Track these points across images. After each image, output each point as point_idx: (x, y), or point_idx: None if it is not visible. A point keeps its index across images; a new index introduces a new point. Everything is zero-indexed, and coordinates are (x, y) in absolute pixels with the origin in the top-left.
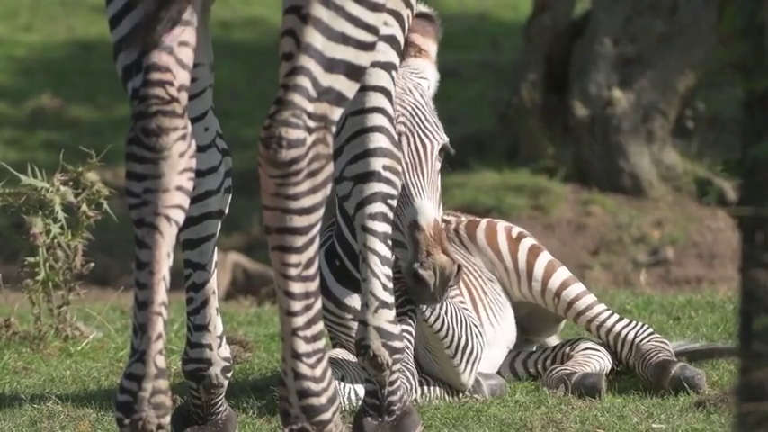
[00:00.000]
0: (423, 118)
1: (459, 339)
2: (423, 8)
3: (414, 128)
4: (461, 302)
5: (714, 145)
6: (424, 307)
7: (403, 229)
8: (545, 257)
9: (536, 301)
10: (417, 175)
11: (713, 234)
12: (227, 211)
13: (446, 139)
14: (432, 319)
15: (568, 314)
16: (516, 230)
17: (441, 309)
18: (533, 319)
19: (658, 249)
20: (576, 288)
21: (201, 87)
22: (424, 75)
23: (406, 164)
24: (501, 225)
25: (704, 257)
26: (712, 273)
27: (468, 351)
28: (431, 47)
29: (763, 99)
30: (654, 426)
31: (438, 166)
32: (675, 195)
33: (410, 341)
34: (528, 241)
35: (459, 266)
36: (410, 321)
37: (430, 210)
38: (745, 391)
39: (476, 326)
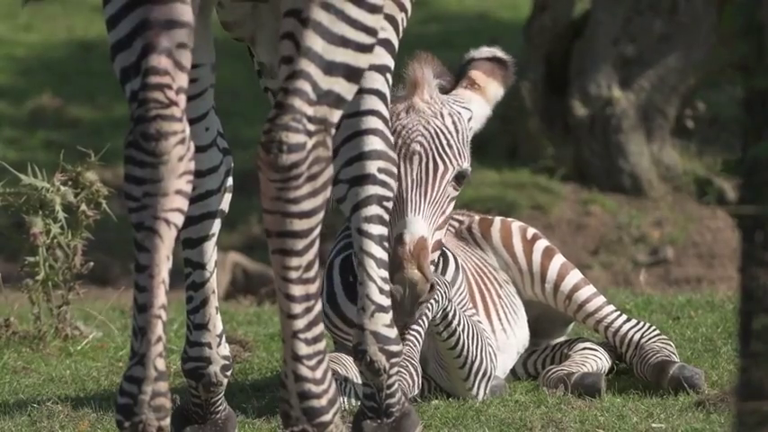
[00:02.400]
0: (444, 142)
1: (474, 361)
2: (500, 54)
3: (430, 149)
4: (474, 313)
5: (714, 145)
6: (438, 320)
7: (391, 243)
8: (558, 260)
9: (547, 302)
10: (420, 193)
11: (713, 234)
12: (227, 211)
13: (465, 168)
14: (445, 334)
15: (578, 315)
16: (531, 231)
17: (457, 324)
18: (542, 321)
19: (658, 249)
20: (587, 291)
21: (203, 88)
22: (467, 105)
23: (413, 181)
24: (515, 225)
25: (704, 257)
26: (712, 272)
27: (481, 372)
28: (490, 85)
29: (764, 98)
30: (654, 425)
31: (450, 192)
32: (675, 195)
33: (418, 341)
34: (542, 243)
35: (433, 285)
36: (420, 323)
37: (418, 227)
38: (744, 390)
39: (491, 345)
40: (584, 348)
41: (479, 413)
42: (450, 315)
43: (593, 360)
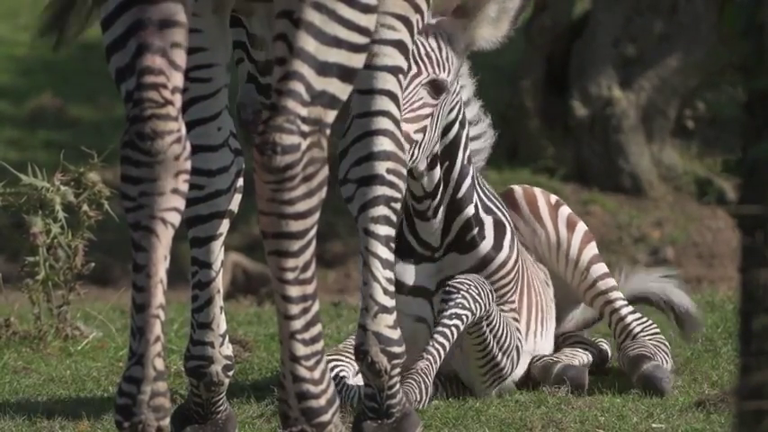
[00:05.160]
0: (423, 52)
1: (496, 362)
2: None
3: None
4: (514, 307)
5: (714, 145)
6: (471, 329)
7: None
8: (581, 228)
9: (564, 272)
10: None
11: (713, 234)
12: (236, 211)
13: (442, 78)
14: (476, 338)
15: (588, 292)
16: (554, 198)
17: (489, 331)
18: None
19: (658, 249)
20: (602, 267)
21: (216, 87)
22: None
23: None
24: (538, 191)
25: (704, 257)
26: (712, 272)
27: (498, 372)
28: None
29: (764, 99)
30: (654, 426)
31: (425, 96)
32: (675, 195)
33: (440, 356)
34: (565, 210)
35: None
36: (449, 336)
37: None
38: (744, 390)
39: (517, 348)
40: (577, 342)
41: (479, 413)
42: (485, 326)
43: (582, 355)
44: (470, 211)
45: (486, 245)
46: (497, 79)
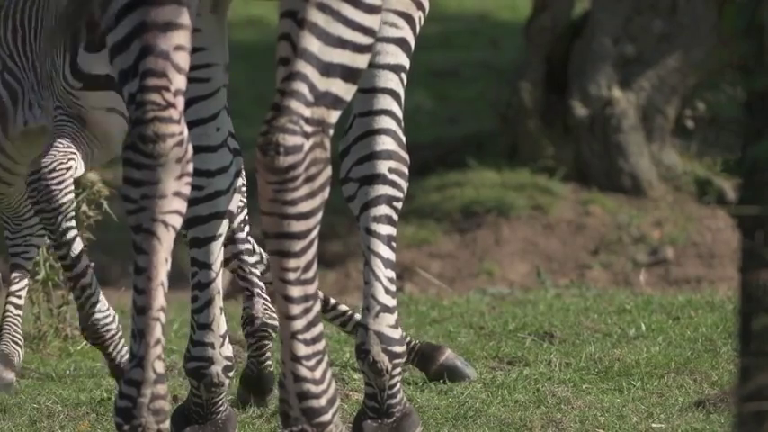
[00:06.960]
0: None
1: None
2: None
3: None
4: None
5: (714, 145)
6: None
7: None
8: None
9: None
10: None
11: (713, 234)
12: (236, 212)
13: None
14: None
15: None
16: None
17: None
18: None
19: (658, 249)
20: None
21: (215, 88)
22: None
23: None
24: None
25: (704, 257)
26: (712, 273)
27: None
28: None
29: (763, 99)
30: (654, 425)
31: None
32: (675, 195)
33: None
34: None
35: None
36: None
37: None
38: (744, 390)
39: None
40: None
41: (479, 413)
42: None
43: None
44: None
45: None
46: (497, 79)
